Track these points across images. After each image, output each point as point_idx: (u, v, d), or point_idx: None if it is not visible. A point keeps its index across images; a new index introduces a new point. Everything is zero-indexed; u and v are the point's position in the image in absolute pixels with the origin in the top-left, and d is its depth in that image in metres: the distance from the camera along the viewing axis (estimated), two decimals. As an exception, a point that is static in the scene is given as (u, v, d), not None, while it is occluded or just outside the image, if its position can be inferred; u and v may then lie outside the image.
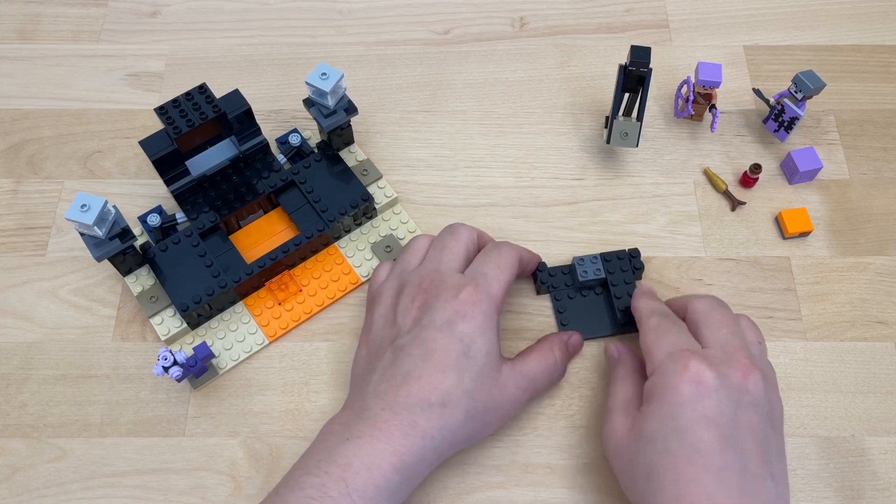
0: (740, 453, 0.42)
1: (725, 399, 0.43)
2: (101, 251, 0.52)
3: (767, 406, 0.44)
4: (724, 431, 0.42)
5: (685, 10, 0.71)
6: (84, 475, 0.52)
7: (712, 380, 0.43)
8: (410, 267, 0.52)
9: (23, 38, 0.70)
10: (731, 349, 0.46)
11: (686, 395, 0.43)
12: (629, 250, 0.57)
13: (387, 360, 0.47)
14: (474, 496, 0.51)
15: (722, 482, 0.41)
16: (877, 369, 0.55)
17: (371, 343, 0.50)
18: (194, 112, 0.53)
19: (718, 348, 0.46)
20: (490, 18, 0.71)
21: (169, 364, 0.51)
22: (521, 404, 0.50)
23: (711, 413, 0.42)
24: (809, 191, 0.62)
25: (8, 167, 0.63)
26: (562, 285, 0.57)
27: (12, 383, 0.55)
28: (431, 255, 0.52)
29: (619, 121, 0.60)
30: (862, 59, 0.68)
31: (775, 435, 0.44)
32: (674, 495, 0.41)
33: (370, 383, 0.47)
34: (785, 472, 0.44)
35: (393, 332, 0.49)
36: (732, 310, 0.49)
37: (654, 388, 0.45)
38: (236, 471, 0.52)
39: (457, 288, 0.48)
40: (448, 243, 0.52)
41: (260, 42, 0.69)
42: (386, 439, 0.44)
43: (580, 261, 0.56)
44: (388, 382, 0.46)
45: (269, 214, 0.60)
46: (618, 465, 0.46)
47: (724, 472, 0.41)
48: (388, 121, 0.65)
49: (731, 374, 0.44)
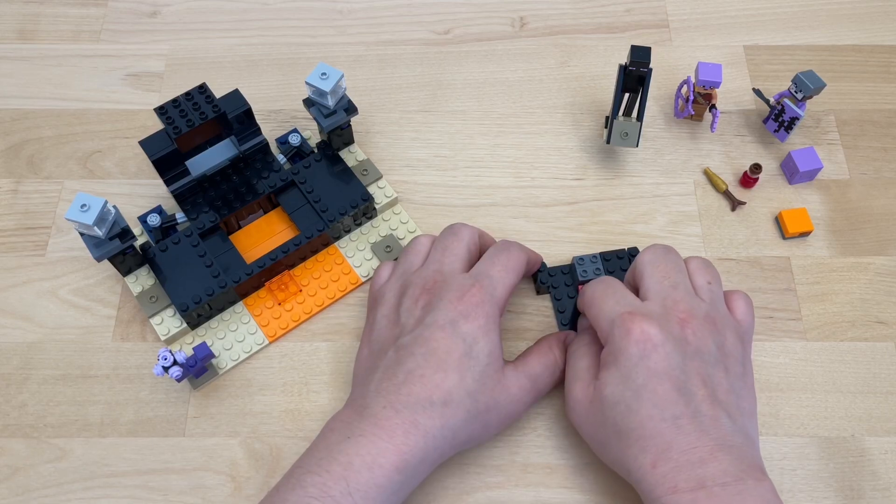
0: (691, 399, 0.44)
1: (672, 351, 0.45)
2: (101, 251, 0.52)
3: (714, 349, 0.46)
4: (677, 382, 0.44)
5: (685, 10, 0.71)
6: (84, 475, 0.52)
7: (656, 335, 0.45)
8: (413, 268, 0.52)
9: (23, 38, 0.70)
10: (669, 301, 0.47)
11: (635, 355, 0.45)
12: (628, 249, 0.57)
13: (389, 359, 0.47)
14: (474, 496, 0.51)
15: (679, 429, 0.43)
16: (877, 369, 0.55)
17: (373, 343, 0.50)
18: (194, 112, 0.53)
19: (658, 301, 0.47)
20: (490, 18, 0.71)
21: (169, 364, 0.51)
22: (524, 406, 0.50)
23: (661, 366, 0.44)
24: (809, 191, 0.62)
25: (8, 167, 0.63)
26: (562, 285, 0.57)
27: (12, 383, 0.55)
28: (434, 257, 0.52)
29: (619, 121, 0.60)
30: (862, 59, 0.68)
31: (727, 376, 0.46)
32: (640, 449, 0.44)
33: (372, 381, 0.47)
34: (744, 407, 0.46)
35: (396, 331, 0.49)
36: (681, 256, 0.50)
37: (607, 356, 0.47)
38: (236, 471, 0.52)
39: (460, 289, 0.49)
40: (450, 244, 0.52)
41: (260, 42, 0.69)
42: (388, 438, 0.44)
43: (580, 260, 0.56)
44: (390, 381, 0.46)
45: (269, 214, 0.60)
46: (586, 430, 0.48)
47: (679, 419, 0.44)
48: (388, 121, 0.65)
49: (671, 327, 0.46)
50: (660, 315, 0.46)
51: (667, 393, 0.44)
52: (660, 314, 0.46)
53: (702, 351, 0.46)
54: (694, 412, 0.44)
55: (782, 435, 0.53)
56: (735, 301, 0.50)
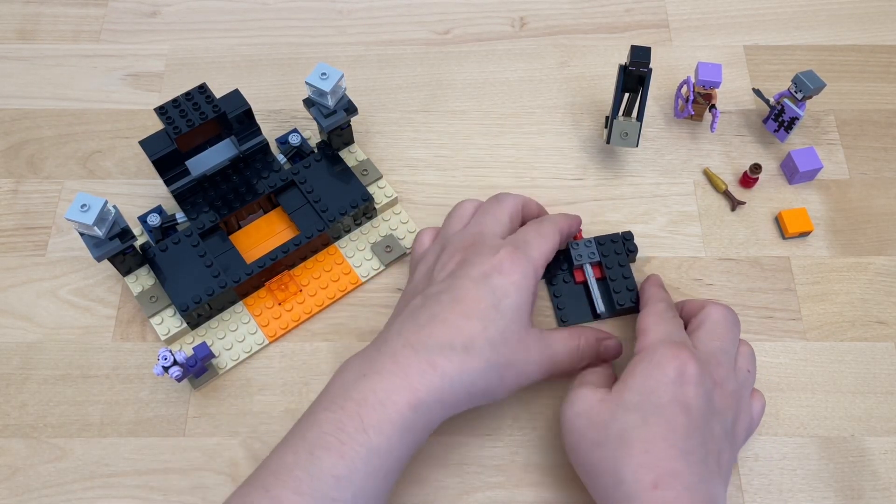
0: (703, 446, 0.44)
1: (702, 395, 0.45)
2: (101, 251, 0.52)
3: (731, 424, 0.47)
4: (694, 422, 0.44)
5: (685, 10, 0.71)
6: (84, 475, 0.52)
7: (695, 373, 0.45)
8: (453, 230, 0.53)
9: (23, 38, 0.70)
10: (714, 362, 0.48)
11: (670, 376, 0.45)
12: (622, 233, 0.58)
13: (416, 305, 0.48)
14: (474, 496, 0.51)
15: (688, 464, 0.43)
16: (877, 369, 0.55)
17: (406, 294, 0.51)
18: (194, 112, 0.53)
19: (704, 353, 0.48)
20: (490, 18, 0.71)
21: (169, 364, 0.51)
22: (538, 373, 0.49)
23: (688, 400, 0.45)
24: (809, 191, 0.62)
25: (8, 167, 0.63)
26: (557, 271, 0.57)
27: (12, 383, 0.55)
28: (476, 220, 0.53)
29: (619, 121, 0.60)
30: (862, 59, 0.68)
31: (730, 449, 0.47)
32: (641, 463, 0.43)
33: (395, 324, 0.48)
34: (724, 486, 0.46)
35: (428, 282, 0.50)
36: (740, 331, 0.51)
37: (639, 363, 0.47)
38: (236, 471, 0.52)
39: (496, 247, 0.49)
40: (492, 209, 0.53)
41: (260, 42, 0.69)
42: (402, 375, 0.44)
43: (574, 245, 0.57)
44: (413, 322, 0.47)
45: (269, 214, 0.60)
46: (581, 428, 0.47)
47: (689, 455, 0.44)
48: (388, 121, 0.65)
49: (708, 379, 0.46)
50: (704, 363, 0.47)
51: (685, 426, 0.44)
52: (704, 362, 0.47)
53: (721, 416, 0.46)
54: (702, 458, 0.44)
55: (782, 435, 0.53)
56: (755, 398, 0.51)
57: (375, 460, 0.42)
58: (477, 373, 0.46)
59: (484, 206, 0.54)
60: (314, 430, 0.43)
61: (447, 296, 0.47)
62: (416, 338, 0.46)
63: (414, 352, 0.45)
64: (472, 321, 0.46)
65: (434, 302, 0.47)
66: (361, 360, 0.46)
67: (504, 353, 0.47)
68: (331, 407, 0.44)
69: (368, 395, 0.44)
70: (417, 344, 0.45)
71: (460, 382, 0.45)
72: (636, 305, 0.55)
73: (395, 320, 0.48)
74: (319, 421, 0.44)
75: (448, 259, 0.50)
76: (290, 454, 0.43)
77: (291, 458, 0.43)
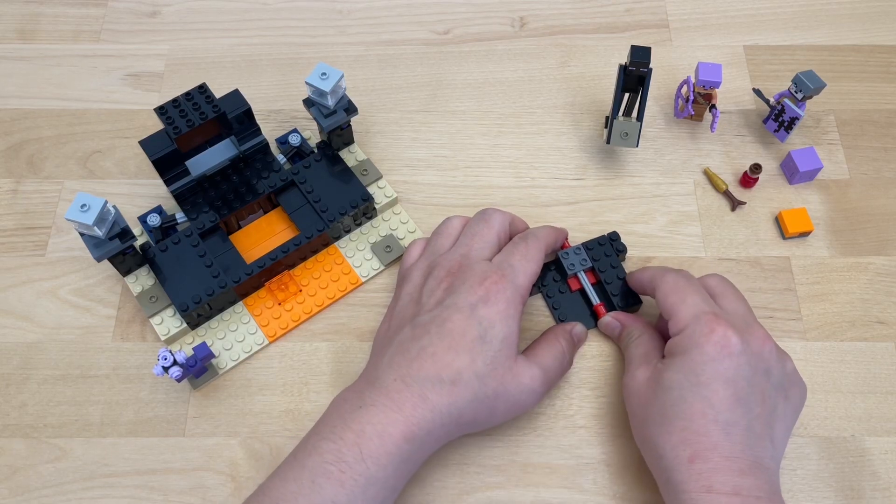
0: (748, 412, 0.45)
1: (745, 364, 0.46)
2: (101, 251, 0.52)
3: (783, 375, 0.47)
4: (739, 392, 0.45)
5: (685, 10, 0.71)
6: (84, 475, 0.52)
7: (737, 344, 0.46)
8: (442, 250, 0.53)
9: (23, 38, 0.70)
10: (749, 319, 0.49)
11: (710, 354, 0.46)
12: (608, 234, 0.58)
13: (405, 335, 0.48)
14: (474, 496, 0.51)
15: (728, 435, 0.44)
16: (877, 369, 0.55)
17: (393, 319, 0.51)
18: (194, 112, 0.53)
19: (738, 318, 0.48)
20: (490, 18, 0.71)
21: (169, 364, 0.51)
22: (536, 396, 0.50)
23: (730, 374, 0.45)
24: (809, 191, 0.62)
25: (8, 167, 0.63)
26: (551, 282, 0.57)
27: (12, 383, 0.55)
28: (463, 241, 0.53)
29: (619, 121, 0.60)
30: (862, 59, 0.68)
31: (784, 402, 0.47)
32: (681, 440, 0.45)
33: (385, 355, 0.48)
34: (784, 438, 0.47)
35: (416, 309, 0.50)
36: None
37: (678, 345, 0.47)
38: (236, 471, 0.52)
39: (482, 274, 0.50)
40: (480, 230, 0.53)
41: (260, 42, 0.69)
42: (397, 409, 0.45)
43: (564, 255, 0.57)
44: (403, 356, 0.47)
45: (269, 214, 0.60)
46: (633, 406, 0.49)
47: (731, 426, 0.44)
48: (388, 121, 0.65)
49: (752, 341, 0.47)
50: (741, 329, 0.47)
51: (726, 398, 0.45)
52: (741, 328, 0.47)
53: (771, 372, 0.47)
54: (748, 426, 0.45)
55: (782, 435, 0.53)
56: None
57: (372, 490, 0.44)
58: (465, 404, 0.46)
59: (471, 224, 0.54)
60: (314, 459, 0.44)
61: (435, 328, 0.48)
62: (406, 371, 0.46)
63: (406, 385, 0.46)
64: (459, 354, 0.47)
65: (423, 333, 0.48)
66: (356, 392, 0.47)
67: (492, 385, 0.47)
68: (330, 437, 0.45)
69: (366, 427, 0.44)
70: (408, 377, 0.46)
71: (449, 415, 0.46)
72: (636, 300, 0.55)
73: (386, 350, 0.49)
74: (320, 450, 0.44)
75: (436, 285, 0.50)
76: (292, 482, 0.44)
77: (294, 486, 0.43)
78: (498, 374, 0.47)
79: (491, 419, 0.49)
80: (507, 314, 0.48)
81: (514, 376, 0.48)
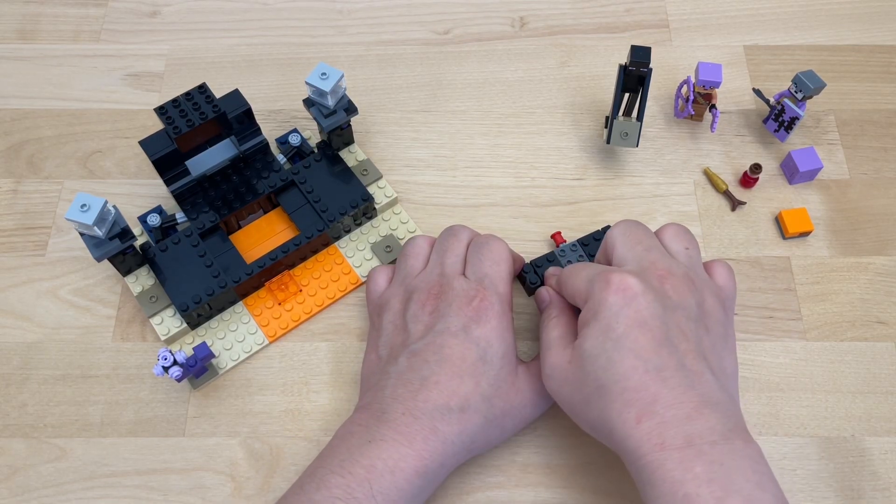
0: (674, 350, 0.43)
1: (653, 301, 0.44)
2: (101, 251, 0.52)
3: (695, 307, 0.45)
4: (657, 333, 0.43)
5: (685, 10, 0.71)
6: (84, 475, 0.52)
7: (636, 285, 0.44)
8: (414, 272, 0.52)
9: (23, 38, 0.70)
10: (646, 262, 0.46)
11: (616, 304, 0.44)
12: (602, 229, 0.58)
13: (402, 366, 0.47)
14: (474, 496, 0.51)
15: (664, 381, 0.42)
16: (877, 369, 0.55)
17: (381, 348, 0.50)
18: (194, 112, 0.53)
19: (635, 263, 0.46)
20: (490, 18, 0.71)
21: (169, 364, 0.51)
22: (542, 405, 0.49)
23: (642, 315, 0.43)
24: (809, 191, 0.62)
25: (8, 167, 0.63)
26: None
27: (12, 383, 0.55)
28: (435, 259, 0.52)
29: (619, 121, 0.60)
30: (862, 59, 0.68)
31: (708, 334, 0.45)
32: (623, 403, 0.42)
33: (386, 388, 0.47)
34: (727, 367, 0.45)
35: (404, 336, 0.49)
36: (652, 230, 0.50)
37: (586, 313, 0.45)
38: (236, 471, 0.52)
39: (467, 293, 0.49)
40: (450, 245, 0.52)
41: (260, 42, 0.69)
42: (408, 443, 0.44)
43: (561, 252, 0.57)
44: (406, 388, 0.46)
45: (269, 214, 0.60)
46: (565, 395, 0.46)
47: (663, 370, 0.42)
48: (388, 121, 0.65)
49: (651, 281, 0.45)
50: (637, 272, 0.45)
51: (649, 343, 0.42)
52: (637, 272, 0.45)
53: (682, 306, 0.44)
54: (678, 364, 0.42)
55: (782, 435, 0.53)
56: (716, 268, 0.49)
57: None
58: (476, 430, 0.46)
59: (441, 240, 0.53)
60: (322, 493, 0.43)
61: (433, 356, 0.47)
62: (412, 404, 0.46)
63: (414, 419, 0.45)
64: (464, 380, 0.46)
65: (421, 363, 0.47)
66: (362, 425, 0.46)
67: (499, 405, 0.47)
68: (339, 471, 0.44)
69: (376, 462, 0.44)
70: (415, 410, 0.45)
71: (461, 443, 0.46)
72: None
73: (385, 382, 0.47)
74: (328, 484, 0.43)
75: (419, 309, 0.49)
76: None
77: None
78: (503, 392, 0.47)
79: (501, 436, 0.49)
80: (501, 329, 0.48)
81: (517, 391, 0.48)
